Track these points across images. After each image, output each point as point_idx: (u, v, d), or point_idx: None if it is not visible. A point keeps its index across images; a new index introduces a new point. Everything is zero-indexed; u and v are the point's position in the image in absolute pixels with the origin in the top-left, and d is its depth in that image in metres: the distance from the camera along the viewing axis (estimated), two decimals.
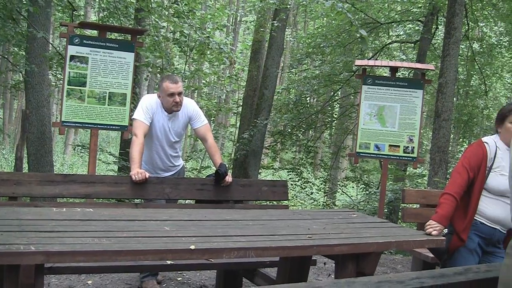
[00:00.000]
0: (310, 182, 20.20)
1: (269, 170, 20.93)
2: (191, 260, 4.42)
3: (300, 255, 3.85)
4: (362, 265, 4.14)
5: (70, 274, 6.13)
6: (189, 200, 7.13)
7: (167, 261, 4.67)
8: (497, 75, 24.46)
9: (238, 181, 6.02)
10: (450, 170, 11.42)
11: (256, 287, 5.84)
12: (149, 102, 5.95)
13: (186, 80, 15.33)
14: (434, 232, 4.30)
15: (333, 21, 19.66)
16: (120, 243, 3.27)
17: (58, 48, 15.05)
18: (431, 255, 5.40)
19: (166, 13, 14.22)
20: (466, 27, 17.87)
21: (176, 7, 13.44)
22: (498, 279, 2.71)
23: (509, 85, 28.34)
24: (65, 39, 7.60)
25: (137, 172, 5.38)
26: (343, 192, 20.74)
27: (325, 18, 21.81)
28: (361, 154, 9.06)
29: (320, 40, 18.76)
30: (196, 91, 19.94)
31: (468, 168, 4.53)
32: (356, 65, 11.89)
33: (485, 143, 4.65)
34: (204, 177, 7.55)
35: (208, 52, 14.56)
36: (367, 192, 18.20)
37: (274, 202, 6.57)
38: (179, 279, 6.68)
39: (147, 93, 19.15)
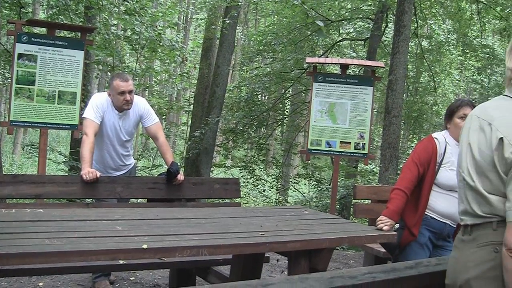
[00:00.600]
0: (262, 179, 20.25)
1: (221, 168, 20.92)
2: (144, 259, 4.38)
3: (252, 252, 3.86)
4: (315, 261, 4.16)
5: (20, 276, 6.03)
6: (141, 199, 7.08)
7: (119, 261, 4.62)
8: (446, 72, 24.89)
9: (190, 180, 6.00)
10: (401, 166, 11.58)
11: (209, 285, 5.82)
12: (100, 100, 5.88)
13: (137, 78, 15.20)
14: (385, 227, 4.34)
15: (284, 19, 19.75)
16: (72, 243, 3.23)
17: (5, 46, 14.80)
18: (383, 250, 5.45)
19: (117, 10, 14.08)
20: (415, 25, 18.09)
21: (127, 5, 13.30)
22: (446, 272, 2.75)
23: (457, 81, 28.83)
24: (13, 37, 7.47)
25: (88, 171, 5.31)
26: (295, 189, 20.82)
27: (275, 16, 21.89)
28: (312, 151, 9.10)
29: (271, 37, 18.82)
30: (147, 89, 19.80)
31: (418, 164, 4.59)
32: (307, 63, 11.94)
33: (435, 139, 4.72)
34: (156, 175, 7.50)
35: (160, 50, 14.45)
36: (319, 188, 18.30)
37: (227, 200, 6.58)
38: (132, 278, 6.63)
39: (98, 91, 19.01)
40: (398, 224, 4.62)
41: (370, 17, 18.80)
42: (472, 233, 2.60)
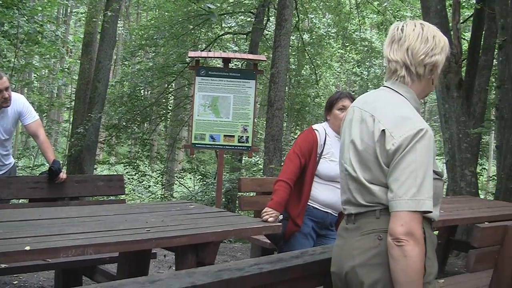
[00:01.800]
0: (147, 175, 20.11)
1: (105, 165, 20.62)
2: (27, 261, 4.26)
3: (139, 249, 3.82)
4: (202, 255, 4.17)
5: None
6: (22, 200, 6.88)
7: (1, 265, 4.48)
8: (327, 64, 25.45)
9: (73, 178, 5.89)
10: (284, 158, 11.76)
11: (96, 285, 5.73)
12: None
13: (16, 74, 14.73)
14: (270, 219, 4.39)
15: (166, 13, 19.63)
16: None
17: None
18: (269, 241, 5.52)
19: None
20: (296, 19, 18.40)
21: None
22: (331, 260, 2.82)
23: (338, 74, 29.51)
24: None
25: None
26: (181, 183, 20.80)
27: (157, 10, 21.72)
28: (196, 145, 9.11)
29: (153, 31, 18.69)
30: (27, 86, 19.24)
31: (299, 155, 4.66)
32: (189, 57, 11.92)
33: (315, 130, 4.80)
34: (37, 175, 7.30)
35: (40, 44, 14.04)
36: (205, 182, 18.35)
37: (111, 197, 6.47)
38: (15, 282, 6.42)
39: None
40: (282, 215, 4.68)
41: (252, 11, 18.95)
42: (356, 222, 2.66)
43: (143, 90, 21.98)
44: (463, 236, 8.94)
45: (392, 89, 2.71)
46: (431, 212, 2.45)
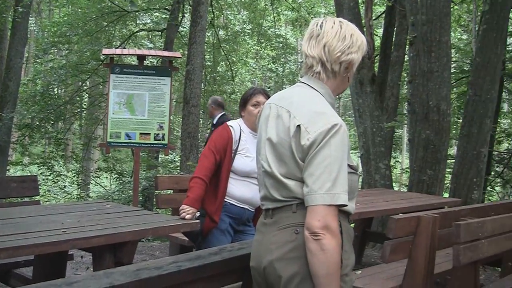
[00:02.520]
0: (63, 175, 19.76)
1: (18, 166, 20.16)
2: None
3: (55, 251, 3.75)
4: (120, 255, 4.14)
5: None
6: None
7: None
8: (242, 61, 25.55)
9: None
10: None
11: None
12: None
13: None
14: (187, 216, 4.39)
15: (79, 10, 19.32)
16: None
17: None
18: (187, 239, 5.51)
19: None
20: (212, 15, 18.39)
21: None
22: (251, 255, 2.84)
23: (253, 70, 29.65)
24: None
25: None
26: (97, 183, 20.54)
27: (70, 6, 21.35)
28: (112, 143, 9.03)
29: (66, 28, 18.37)
30: None
31: (214, 151, 4.67)
32: (103, 54, 11.80)
33: (230, 127, 4.82)
34: None
35: None
36: (121, 181, 18.18)
37: (25, 199, 6.35)
38: None
39: None
40: (199, 212, 4.68)
41: (166, 7, 18.86)
42: (273, 217, 2.68)
43: (56, 89, 21.60)
44: (378, 228, 9.16)
45: (308, 85, 2.73)
46: (346, 205, 2.50)
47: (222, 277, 3.20)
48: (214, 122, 9.57)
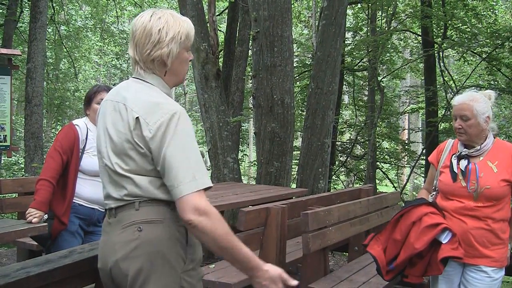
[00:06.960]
0: None
1: None
2: None
3: None
4: None
5: None
6: None
7: None
8: (86, 57, 25.09)
9: None
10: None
11: None
12: None
13: None
14: (34, 220, 4.27)
15: None
16: None
17: None
18: (36, 243, 5.35)
19: None
20: (52, 11, 17.89)
21: None
22: (98, 256, 2.79)
23: (97, 67, 29.20)
24: None
25: None
26: None
27: None
28: None
29: None
30: None
31: (61, 151, 4.56)
32: None
33: (76, 126, 4.74)
34: None
35: None
36: None
37: None
38: None
39: None
40: (47, 215, 4.55)
41: (3, 2, 18.12)
42: (117, 216, 2.64)
43: None
44: (229, 221, 9.26)
45: (139, 79, 2.72)
46: (211, 187, 2.52)
47: (74, 281, 3.12)
48: None
